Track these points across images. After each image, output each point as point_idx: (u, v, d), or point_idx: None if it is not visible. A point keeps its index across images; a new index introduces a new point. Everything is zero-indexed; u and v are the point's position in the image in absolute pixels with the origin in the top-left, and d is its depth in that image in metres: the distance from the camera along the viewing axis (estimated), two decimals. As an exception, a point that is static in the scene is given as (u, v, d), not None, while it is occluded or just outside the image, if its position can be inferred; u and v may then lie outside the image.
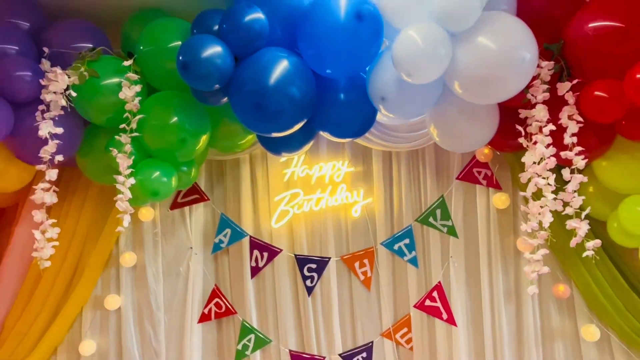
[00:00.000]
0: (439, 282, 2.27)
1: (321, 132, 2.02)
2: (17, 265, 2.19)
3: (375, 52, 1.79)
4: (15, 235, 2.18)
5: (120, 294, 2.32)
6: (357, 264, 2.32)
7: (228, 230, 2.36)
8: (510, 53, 1.60)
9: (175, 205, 2.37)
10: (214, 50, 1.67)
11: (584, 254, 1.77)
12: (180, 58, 1.68)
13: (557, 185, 1.75)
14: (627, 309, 2.04)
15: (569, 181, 1.71)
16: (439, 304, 2.25)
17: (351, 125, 1.94)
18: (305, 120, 1.87)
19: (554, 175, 1.72)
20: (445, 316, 2.24)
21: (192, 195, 2.36)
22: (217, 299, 2.33)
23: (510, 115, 1.84)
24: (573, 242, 1.76)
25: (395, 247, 2.32)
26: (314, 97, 1.83)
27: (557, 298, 2.21)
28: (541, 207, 1.74)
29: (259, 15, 1.70)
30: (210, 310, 2.33)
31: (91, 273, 2.24)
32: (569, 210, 1.74)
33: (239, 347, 2.29)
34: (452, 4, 1.57)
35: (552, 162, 1.70)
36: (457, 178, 2.30)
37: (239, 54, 1.74)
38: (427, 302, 2.27)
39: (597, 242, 1.73)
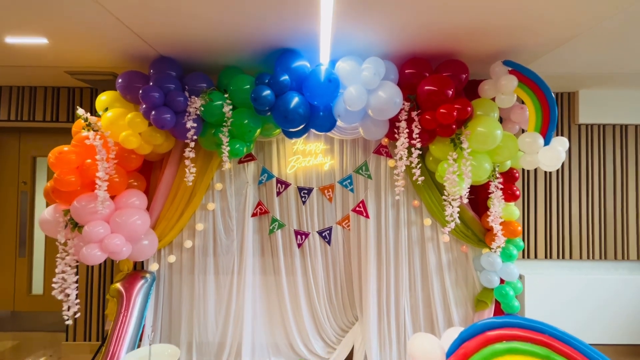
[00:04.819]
0: (362, 199, 2.57)
1: (311, 129, 2.26)
2: (166, 186, 2.45)
3: (336, 96, 2.06)
4: (165, 172, 2.44)
5: (215, 202, 2.57)
6: (326, 191, 2.59)
7: (265, 175, 2.60)
8: (391, 98, 1.97)
9: (240, 161, 2.60)
10: (266, 92, 1.98)
11: (418, 183, 2.16)
12: (252, 95, 1.99)
13: (409, 155, 2.12)
14: (442, 209, 2.34)
15: (413, 153, 2.08)
16: (362, 209, 2.56)
17: (325, 126, 2.18)
18: (305, 124, 2.14)
19: (407, 150, 2.08)
20: (364, 214, 2.55)
21: (249, 157, 2.60)
22: (260, 206, 2.60)
23: (393, 124, 2.16)
24: (414, 178, 2.13)
25: (344, 183, 2.60)
26: (308, 114, 2.08)
27: (414, 206, 2.56)
28: (402, 164, 2.08)
29: (286, 77, 2.01)
30: (257, 211, 2.60)
31: (201, 192, 2.48)
32: (413, 165, 2.09)
33: (270, 228, 2.59)
34: (368, 79, 1.92)
35: (406, 145, 2.05)
36: (373, 152, 2.56)
37: (277, 94, 2.02)
38: (357, 208, 2.56)
39: (421, 178, 2.08)
